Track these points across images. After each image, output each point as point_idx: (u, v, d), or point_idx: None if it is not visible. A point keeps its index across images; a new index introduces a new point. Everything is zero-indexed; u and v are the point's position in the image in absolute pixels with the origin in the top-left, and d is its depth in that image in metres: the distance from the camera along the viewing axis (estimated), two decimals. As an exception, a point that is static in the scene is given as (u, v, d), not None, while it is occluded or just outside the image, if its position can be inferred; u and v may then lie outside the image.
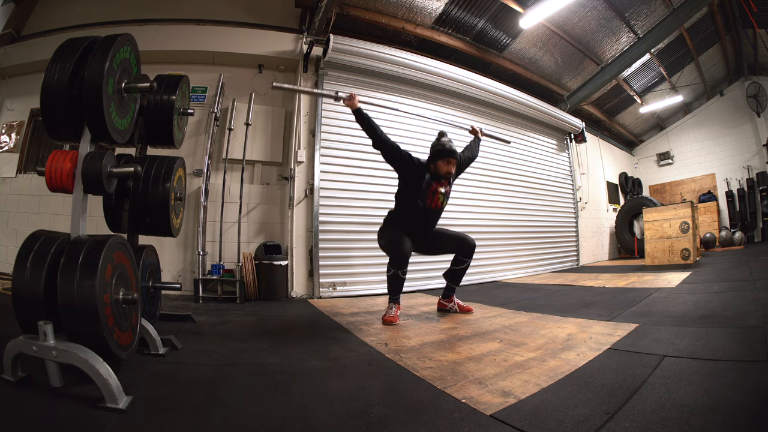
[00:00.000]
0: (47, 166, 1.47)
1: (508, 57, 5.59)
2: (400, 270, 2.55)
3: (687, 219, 4.98)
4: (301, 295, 3.79)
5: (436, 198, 2.63)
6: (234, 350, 1.91)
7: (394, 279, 2.57)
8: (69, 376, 1.34)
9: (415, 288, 4.09)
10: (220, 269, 3.69)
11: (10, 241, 3.92)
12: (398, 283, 2.58)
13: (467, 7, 4.61)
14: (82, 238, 1.45)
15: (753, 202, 7.97)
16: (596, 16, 5.20)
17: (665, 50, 6.46)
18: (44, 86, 1.44)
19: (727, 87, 8.34)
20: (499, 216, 5.27)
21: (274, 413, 1.19)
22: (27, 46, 4.23)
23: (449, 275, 2.82)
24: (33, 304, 1.36)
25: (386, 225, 2.76)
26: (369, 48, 4.07)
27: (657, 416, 1.02)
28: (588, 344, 1.79)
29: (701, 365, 1.38)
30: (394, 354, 1.79)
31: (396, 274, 2.56)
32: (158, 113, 2.05)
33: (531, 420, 1.07)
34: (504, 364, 1.60)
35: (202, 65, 4.15)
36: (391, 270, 2.56)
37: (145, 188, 1.91)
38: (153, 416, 1.18)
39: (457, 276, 2.79)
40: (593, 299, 3.09)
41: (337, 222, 3.98)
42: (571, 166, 6.82)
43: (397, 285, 2.59)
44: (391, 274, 2.57)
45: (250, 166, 4.16)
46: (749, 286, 2.95)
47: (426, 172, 2.61)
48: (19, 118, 4.37)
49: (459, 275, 2.78)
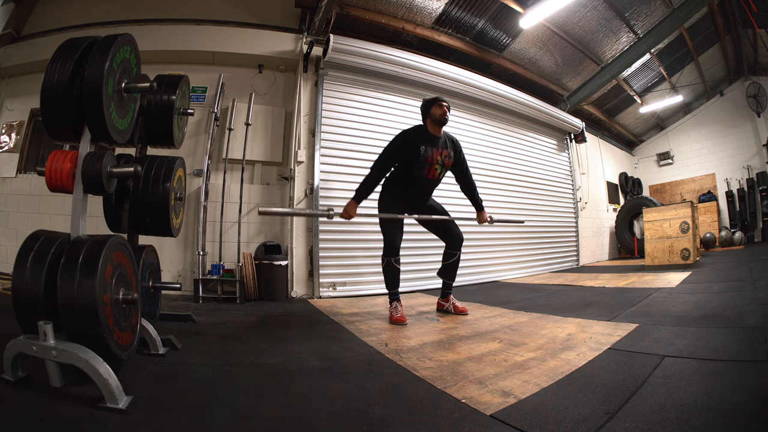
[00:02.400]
0: (47, 166, 1.47)
1: (508, 57, 5.59)
2: (393, 257, 2.57)
3: (687, 219, 4.98)
4: (301, 295, 3.79)
5: (434, 169, 2.61)
6: (234, 350, 1.91)
7: (389, 269, 2.59)
8: (69, 376, 1.34)
9: (415, 288, 4.09)
10: (220, 269, 3.69)
11: (10, 241, 3.92)
12: (394, 274, 2.60)
13: (467, 7, 4.61)
14: (82, 238, 1.44)
15: (753, 202, 7.97)
16: (596, 16, 5.20)
17: (665, 50, 6.46)
18: (44, 86, 1.44)
19: (727, 87, 8.34)
20: (499, 216, 5.25)
21: (274, 413, 1.19)
22: (27, 46, 4.23)
23: (442, 272, 2.83)
24: (33, 304, 1.35)
25: (383, 194, 2.71)
26: (369, 48, 4.07)
27: (657, 416, 1.02)
28: (588, 344, 1.79)
29: (701, 365, 1.38)
30: (394, 354, 1.79)
31: (390, 263, 2.58)
32: (158, 113, 2.05)
33: (531, 420, 1.07)
34: (504, 364, 1.60)
35: (202, 65, 4.15)
36: (385, 259, 2.59)
37: (145, 188, 1.91)
38: (153, 416, 1.18)
39: (449, 271, 2.79)
40: (593, 299, 3.09)
41: (337, 222, 3.96)
42: (571, 166, 6.82)
43: (393, 276, 2.60)
44: (386, 263, 2.59)
45: (250, 166, 4.16)
46: (749, 286, 2.95)
47: (420, 144, 2.54)
48: (19, 118, 4.37)
49: (451, 270, 2.79)
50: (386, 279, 2.64)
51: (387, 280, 2.64)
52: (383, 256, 2.62)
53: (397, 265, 2.61)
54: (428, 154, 2.56)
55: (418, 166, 2.56)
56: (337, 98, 4.16)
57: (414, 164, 2.55)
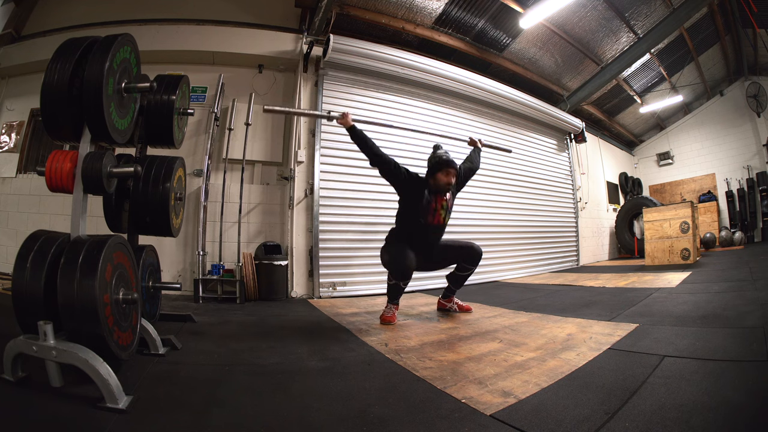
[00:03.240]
0: (47, 166, 1.47)
1: (508, 57, 5.58)
2: (402, 282, 2.54)
3: (687, 219, 4.98)
4: (301, 295, 3.79)
5: (438, 215, 2.59)
6: (234, 350, 1.91)
7: (394, 288, 2.57)
8: (69, 376, 1.34)
9: (415, 288, 4.09)
10: (220, 269, 3.69)
11: (10, 241, 3.92)
12: (398, 292, 2.59)
13: (467, 7, 4.61)
14: (82, 238, 1.45)
15: (753, 202, 7.97)
16: (596, 16, 5.20)
17: (665, 50, 6.45)
18: (44, 86, 1.44)
19: (727, 87, 8.34)
20: (499, 216, 5.27)
21: (274, 413, 1.19)
22: (27, 46, 4.23)
23: (452, 278, 2.81)
24: (33, 304, 1.35)
25: (389, 242, 2.71)
26: (369, 48, 4.07)
27: (657, 416, 1.02)
28: (588, 344, 1.79)
29: (701, 365, 1.38)
30: (394, 354, 1.79)
31: (397, 285, 2.55)
32: (158, 113, 2.05)
33: (531, 420, 1.07)
34: (504, 364, 1.60)
35: (202, 65, 4.15)
36: (393, 281, 2.56)
37: (145, 188, 1.91)
38: (153, 416, 1.18)
39: (459, 280, 2.79)
40: (593, 299, 3.09)
41: (337, 222, 3.98)
42: (571, 166, 6.82)
43: (396, 293, 2.59)
44: (393, 284, 2.56)
45: (250, 166, 4.16)
46: (749, 286, 2.95)
47: (425, 189, 2.55)
48: (19, 118, 4.37)
49: (461, 280, 2.79)
50: (389, 294, 2.61)
51: (390, 294, 2.61)
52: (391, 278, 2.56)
53: (404, 287, 2.57)
54: (432, 201, 2.56)
55: (422, 212, 2.54)
56: (337, 98, 4.16)
57: (417, 209, 2.54)
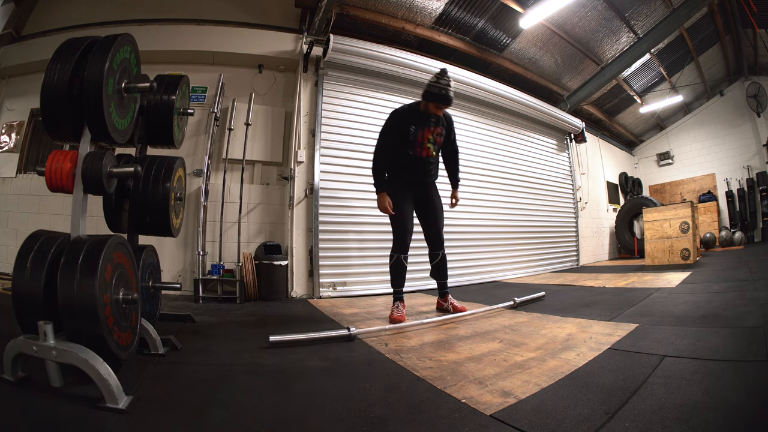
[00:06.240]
0: (47, 166, 1.47)
1: (508, 57, 5.58)
2: (402, 254, 2.56)
3: (687, 219, 4.98)
4: (301, 295, 3.79)
5: (426, 148, 2.63)
6: (234, 350, 1.91)
7: (396, 266, 2.59)
8: (69, 376, 1.34)
9: (415, 288, 4.08)
10: (220, 269, 3.69)
11: (10, 241, 3.92)
12: (401, 272, 2.60)
13: (467, 7, 4.61)
14: (82, 238, 1.44)
15: (753, 202, 7.97)
16: (596, 16, 5.20)
17: (665, 50, 6.45)
18: (44, 86, 1.44)
19: (727, 87, 8.33)
20: (499, 216, 5.27)
21: (274, 413, 1.19)
22: (27, 46, 4.23)
23: (434, 272, 2.84)
24: (33, 304, 1.35)
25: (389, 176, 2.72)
26: (369, 48, 4.07)
27: (657, 416, 1.02)
28: (588, 344, 1.78)
29: (701, 365, 1.38)
30: (394, 354, 1.79)
31: (399, 260, 2.58)
32: (158, 113, 2.05)
33: (531, 420, 1.07)
34: (504, 364, 1.60)
35: (202, 65, 4.15)
36: (394, 256, 2.59)
37: (145, 188, 1.91)
38: (153, 416, 1.18)
39: (439, 271, 2.80)
40: (593, 299, 3.09)
41: (337, 222, 3.98)
42: (571, 166, 6.82)
43: (400, 274, 2.60)
44: (394, 260, 2.59)
45: (250, 166, 4.16)
46: (749, 286, 2.94)
47: (411, 125, 2.59)
48: (19, 118, 4.37)
49: (441, 269, 2.80)
50: (392, 276, 2.64)
51: (393, 276, 2.64)
52: (392, 252, 2.62)
53: (405, 262, 2.61)
54: (418, 135, 2.60)
55: (410, 147, 2.59)
56: (337, 98, 4.16)
57: (406, 145, 2.59)
